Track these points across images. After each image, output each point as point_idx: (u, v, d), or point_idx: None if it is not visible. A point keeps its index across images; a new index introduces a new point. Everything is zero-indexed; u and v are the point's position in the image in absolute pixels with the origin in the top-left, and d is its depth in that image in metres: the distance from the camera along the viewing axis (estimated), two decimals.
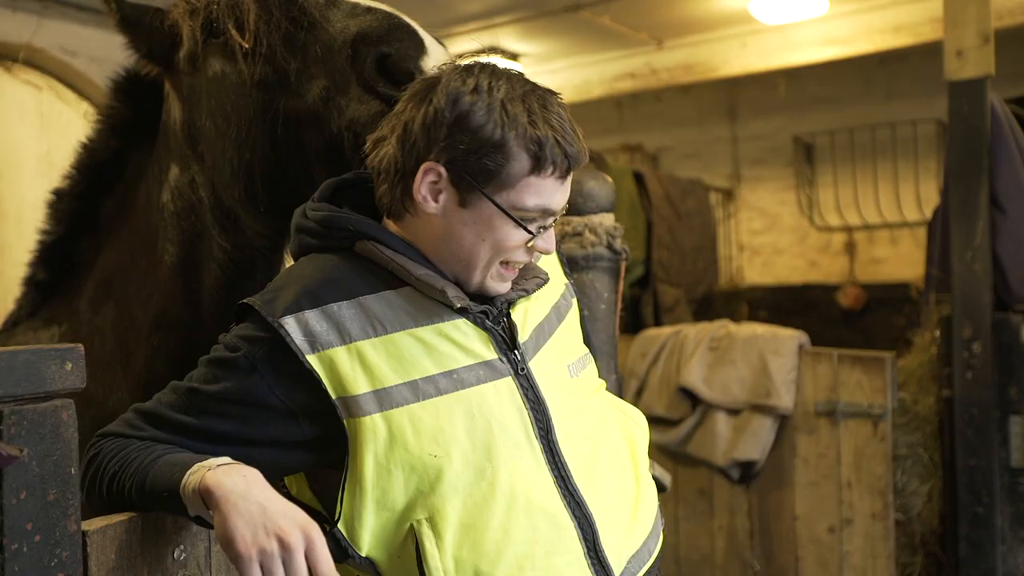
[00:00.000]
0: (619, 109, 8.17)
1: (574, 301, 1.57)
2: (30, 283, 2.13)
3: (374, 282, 1.32)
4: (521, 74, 1.35)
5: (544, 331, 1.42)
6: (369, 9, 1.56)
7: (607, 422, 1.46)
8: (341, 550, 1.26)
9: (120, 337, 1.90)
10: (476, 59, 1.36)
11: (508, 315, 1.37)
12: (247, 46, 1.56)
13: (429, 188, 1.30)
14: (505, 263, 1.34)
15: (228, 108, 1.63)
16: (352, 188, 1.44)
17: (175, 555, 1.28)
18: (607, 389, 1.57)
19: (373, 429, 1.24)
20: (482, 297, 1.36)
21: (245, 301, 1.33)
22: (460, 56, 1.42)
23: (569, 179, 1.34)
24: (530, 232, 1.31)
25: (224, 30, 1.60)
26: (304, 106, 1.56)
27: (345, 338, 1.27)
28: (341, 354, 1.26)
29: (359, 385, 1.25)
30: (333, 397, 1.25)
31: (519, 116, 1.26)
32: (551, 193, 1.31)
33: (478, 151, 1.26)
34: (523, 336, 1.36)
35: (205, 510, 1.14)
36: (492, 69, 1.32)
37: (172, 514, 1.26)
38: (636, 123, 8.16)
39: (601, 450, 1.40)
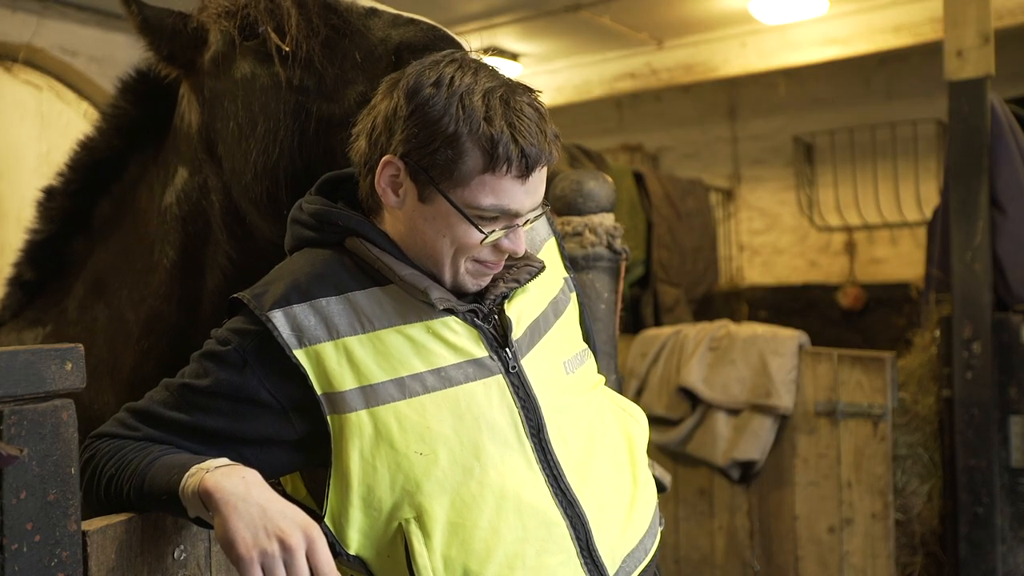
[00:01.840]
0: (619, 109, 8.16)
1: (573, 296, 1.55)
2: (14, 284, 2.11)
3: (363, 278, 1.31)
4: (494, 69, 1.31)
5: (539, 328, 1.40)
6: (412, 20, 1.58)
7: (604, 419, 1.44)
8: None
9: (109, 339, 1.89)
10: (464, 54, 1.34)
11: (501, 311, 1.36)
12: (288, 49, 1.57)
13: (389, 181, 1.29)
14: (479, 260, 1.32)
15: (255, 109, 1.63)
16: (350, 182, 1.42)
17: (175, 555, 1.28)
18: None
19: (359, 425, 1.23)
20: (473, 294, 1.35)
21: (236, 296, 1.33)
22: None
23: (534, 180, 1.28)
24: (482, 232, 1.27)
25: (264, 33, 1.60)
26: (339, 110, 1.57)
27: (332, 333, 1.26)
28: (328, 349, 1.25)
29: (345, 381, 1.24)
30: (318, 392, 1.25)
31: (475, 111, 1.23)
32: (510, 194, 1.26)
33: (430, 145, 1.24)
34: (517, 333, 1.35)
35: (205, 512, 1.14)
36: (462, 62, 1.29)
37: (171, 515, 1.26)
38: (636, 123, 8.16)
39: (596, 448, 1.38)
